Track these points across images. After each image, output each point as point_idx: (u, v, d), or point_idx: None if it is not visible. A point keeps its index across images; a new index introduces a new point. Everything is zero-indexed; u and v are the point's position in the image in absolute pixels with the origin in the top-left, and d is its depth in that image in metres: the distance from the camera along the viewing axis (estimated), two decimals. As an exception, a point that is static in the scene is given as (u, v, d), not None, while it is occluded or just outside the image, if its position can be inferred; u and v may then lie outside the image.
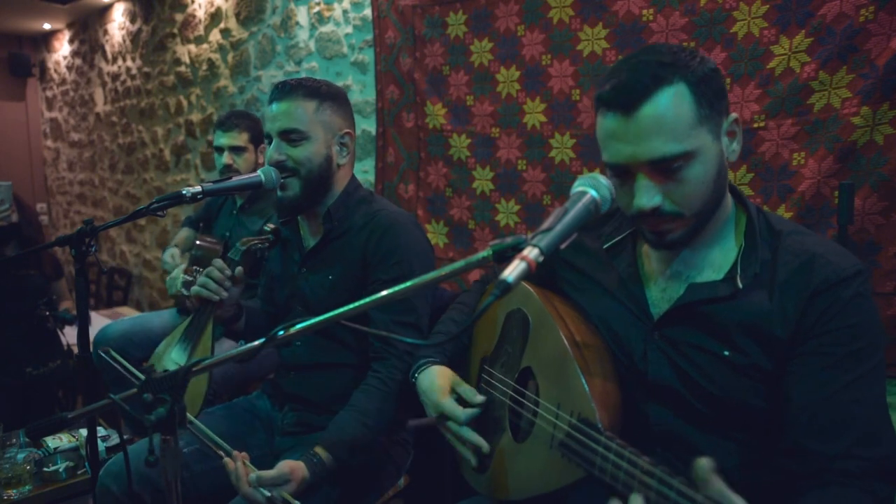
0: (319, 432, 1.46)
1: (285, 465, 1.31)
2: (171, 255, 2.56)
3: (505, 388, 1.20)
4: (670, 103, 0.92)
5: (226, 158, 2.53)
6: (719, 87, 0.98)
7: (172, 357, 1.64)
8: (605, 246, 1.16)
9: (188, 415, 1.41)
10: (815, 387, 0.93)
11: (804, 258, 0.97)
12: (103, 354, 1.33)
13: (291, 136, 1.51)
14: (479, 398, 1.20)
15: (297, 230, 1.70)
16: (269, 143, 1.55)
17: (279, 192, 1.54)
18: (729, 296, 0.99)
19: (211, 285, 1.52)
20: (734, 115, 1.00)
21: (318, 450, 1.38)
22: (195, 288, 1.53)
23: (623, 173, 0.98)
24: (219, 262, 1.55)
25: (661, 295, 1.08)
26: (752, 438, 1.00)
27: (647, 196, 0.95)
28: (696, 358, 1.01)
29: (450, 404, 1.20)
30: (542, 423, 1.07)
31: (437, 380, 1.25)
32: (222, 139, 2.53)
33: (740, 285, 0.98)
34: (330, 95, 1.56)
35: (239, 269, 1.55)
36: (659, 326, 1.06)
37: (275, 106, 1.53)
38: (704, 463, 0.72)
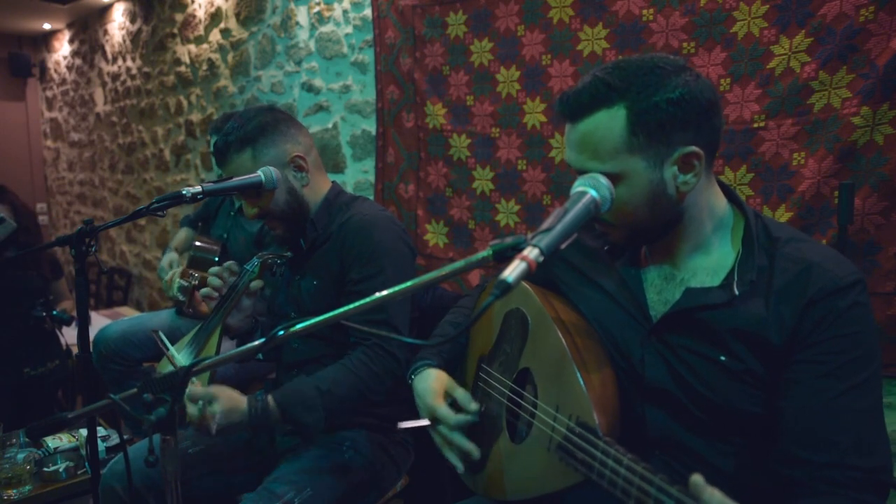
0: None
1: (218, 388, 1.39)
2: (170, 261, 2.49)
3: (502, 388, 1.19)
4: (601, 125, 0.97)
5: None
6: (675, 118, 0.94)
7: (179, 361, 1.65)
8: (606, 247, 1.16)
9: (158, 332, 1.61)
10: (809, 395, 0.92)
11: (802, 266, 0.96)
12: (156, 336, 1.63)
13: (247, 192, 1.57)
14: (475, 405, 1.19)
15: (299, 240, 1.76)
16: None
17: (273, 233, 1.67)
18: (725, 303, 0.99)
19: (213, 289, 1.61)
20: (693, 148, 0.96)
21: (267, 396, 1.44)
22: (205, 289, 1.61)
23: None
24: (216, 269, 1.62)
25: (657, 297, 1.08)
26: (749, 443, 1.00)
27: None
28: (692, 362, 1.01)
29: (442, 408, 1.19)
30: (540, 426, 1.06)
31: (432, 383, 1.24)
32: None
33: (737, 292, 0.98)
34: (260, 131, 1.56)
35: (256, 282, 1.58)
36: (656, 330, 1.05)
37: (220, 171, 1.61)
38: (697, 479, 0.71)
